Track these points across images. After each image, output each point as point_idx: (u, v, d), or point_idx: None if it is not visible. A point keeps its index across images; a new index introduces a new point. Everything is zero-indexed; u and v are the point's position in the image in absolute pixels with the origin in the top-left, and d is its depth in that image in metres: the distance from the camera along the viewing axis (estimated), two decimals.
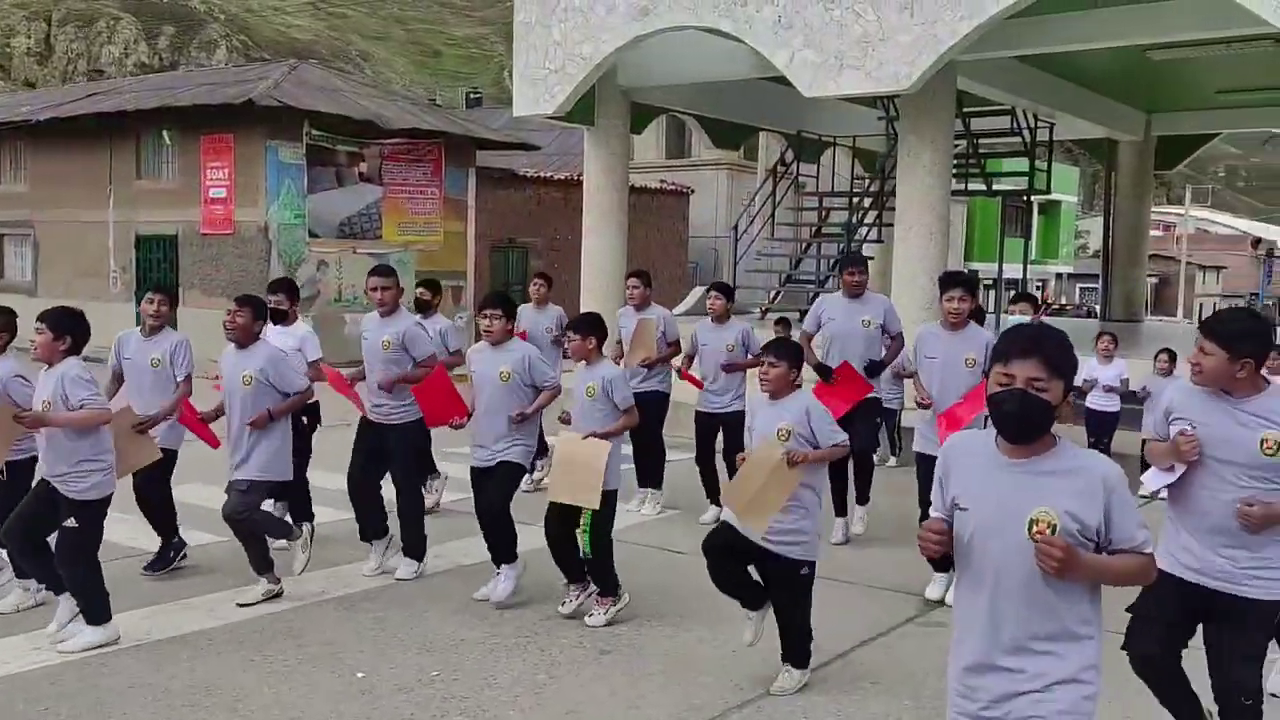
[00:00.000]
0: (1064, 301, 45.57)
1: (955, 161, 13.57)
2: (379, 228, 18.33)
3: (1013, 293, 11.15)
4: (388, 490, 6.48)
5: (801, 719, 4.53)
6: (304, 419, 6.86)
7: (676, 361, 8.05)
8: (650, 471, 8.15)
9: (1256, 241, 50.06)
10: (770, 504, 4.54)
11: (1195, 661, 3.78)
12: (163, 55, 55.87)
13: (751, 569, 4.83)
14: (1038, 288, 42.56)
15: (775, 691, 4.74)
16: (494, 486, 5.84)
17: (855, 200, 15.52)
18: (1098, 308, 23.12)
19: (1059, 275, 47.31)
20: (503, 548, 5.91)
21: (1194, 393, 3.70)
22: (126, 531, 6.64)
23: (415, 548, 6.41)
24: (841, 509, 7.33)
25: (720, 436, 7.75)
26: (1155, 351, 9.24)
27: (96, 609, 5.15)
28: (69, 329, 5.12)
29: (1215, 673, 3.67)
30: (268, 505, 6.39)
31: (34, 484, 5.29)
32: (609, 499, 5.52)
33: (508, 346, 5.92)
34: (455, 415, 6.03)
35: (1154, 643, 3.73)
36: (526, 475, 6.30)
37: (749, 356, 7.70)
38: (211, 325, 15.35)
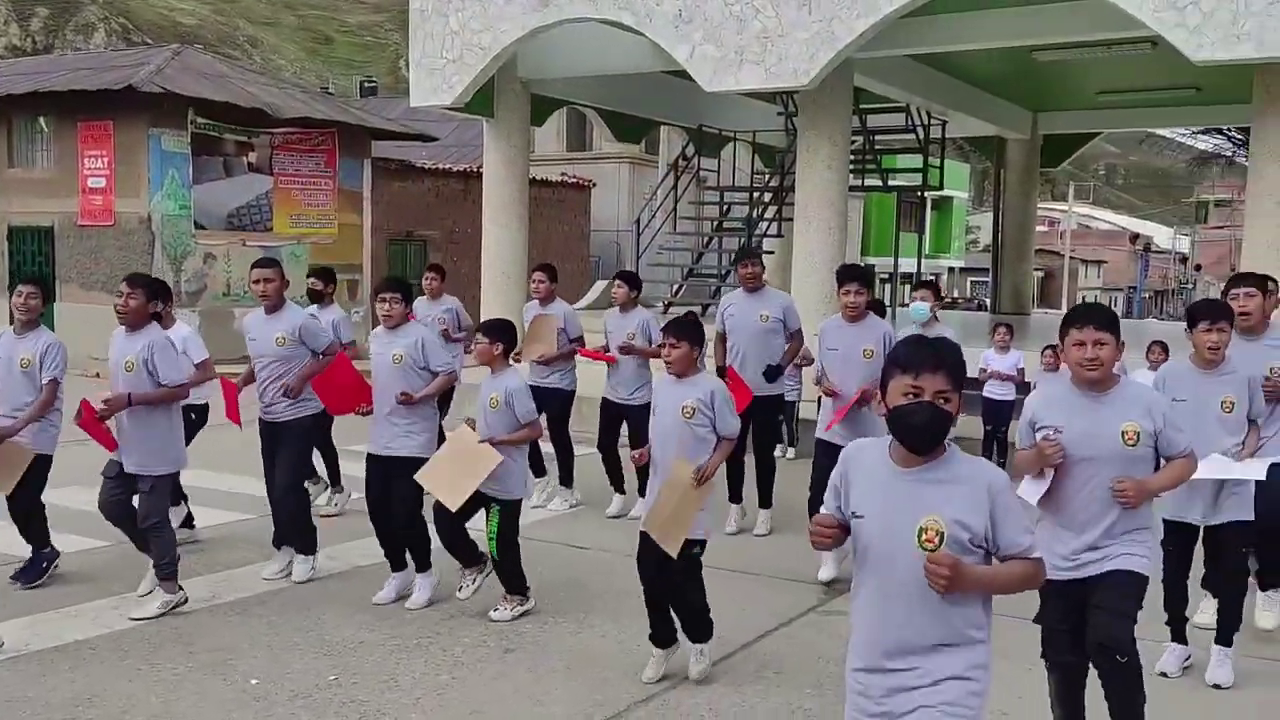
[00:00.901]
0: (956, 294, 46.88)
1: (853, 157, 13.80)
2: (269, 220, 17.83)
3: (908, 285, 11.42)
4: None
5: (706, 711, 4.53)
6: (193, 415, 6.61)
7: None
8: (559, 468, 8.10)
9: (1134, 237, 52.29)
10: (684, 523, 4.66)
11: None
12: (36, 38, 53.42)
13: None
14: (932, 279, 43.70)
15: (695, 677, 4.79)
16: (400, 496, 5.75)
17: (755, 195, 15.67)
18: (988, 301, 23.83)
19: (951, 269, 48.64)
20: (416, 555, 5.84)
21: (1053, 397, 3.82)
22: (6, 539, 6.31)
23: (307, 545, 6.23)
24: (735, 496, 7.39)
25: (625, 427, 7.74)
26: (1042, 348, 9.53)
27: None
28: None
29: (1090, 634, 3.75)
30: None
31: None
32: (515, 508, 5.55)
33: (403, 330, 5.84)
34: (361, 402, 5.92)
35: (1068, 651, 3.83)
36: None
37: (650, 345, 7.72)
38: (90, 321, 14.82)
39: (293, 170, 18.04)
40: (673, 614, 4.84)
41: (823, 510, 2.80)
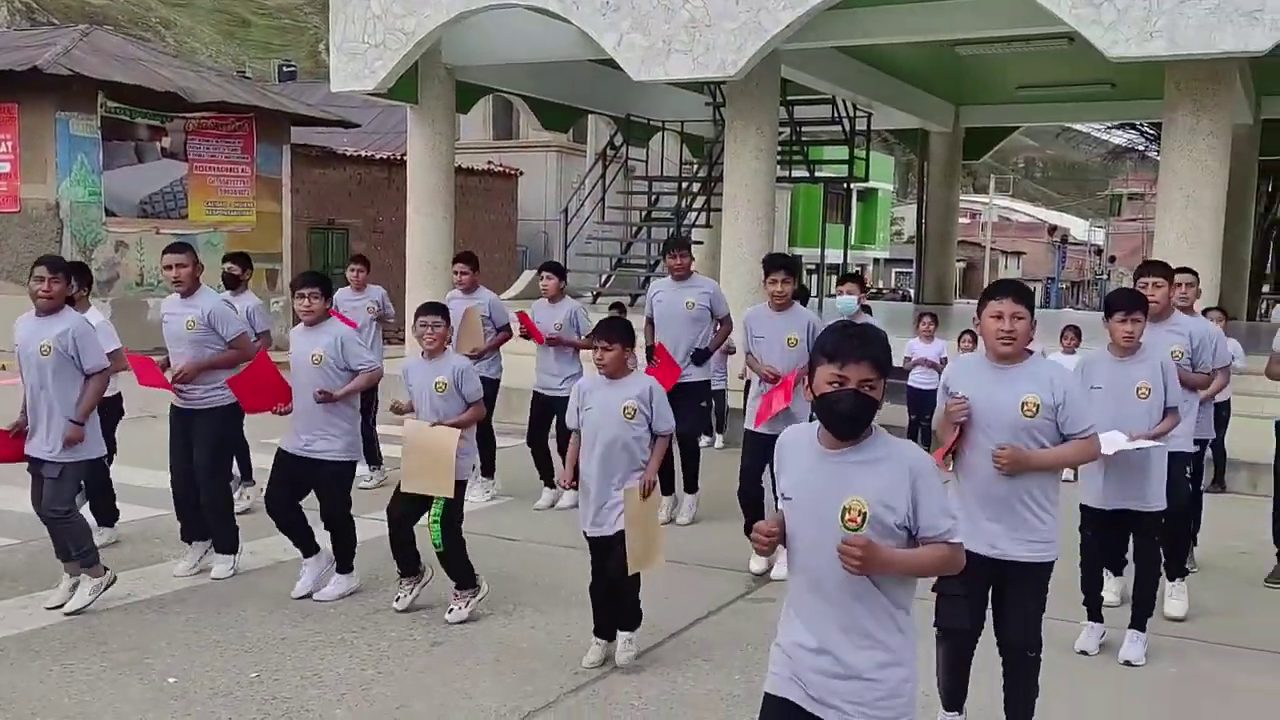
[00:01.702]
0: (881, 285, 47.61)
1: (780, 148, 13.92)
2: (184, 207, 17.35)
3: (834, 276, 11.51)
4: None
5: (635, 699, 4.52)
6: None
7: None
8: (481, 459, 8.01)
9: (1052, 229, 53.62)
10: (659, 537, 4.78)
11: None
12: None
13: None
14: (857, 271, 44.33)
15: (623, 664, 4.81)
16: (326, 497, 5.68)
17: (684, 185, 15.71)
18: (912, 291, 24.22)
19: (877, 260, 49.39)
20: (339, 552, 5.77)
21: (966, 367, 4.00)
22: None
23: (227, 542, 6.07)
24: (667, 488, 7.41)
25: (555, 420, 7.70)
26: (959, 333, 9.82)
27: None
28: None
29: (1000, 631, 3.92)
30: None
31: None
32: (459, 489, 5.43)
33: (322, 328, 5.69)
34: (279, 402, 5.76)
35: (963, 618, 3.93)
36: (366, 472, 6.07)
37: (579, 337, 7.70)
38: None
39: (208, 156, 17.57)
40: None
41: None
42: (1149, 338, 5.01)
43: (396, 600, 5.54)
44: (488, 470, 8.02)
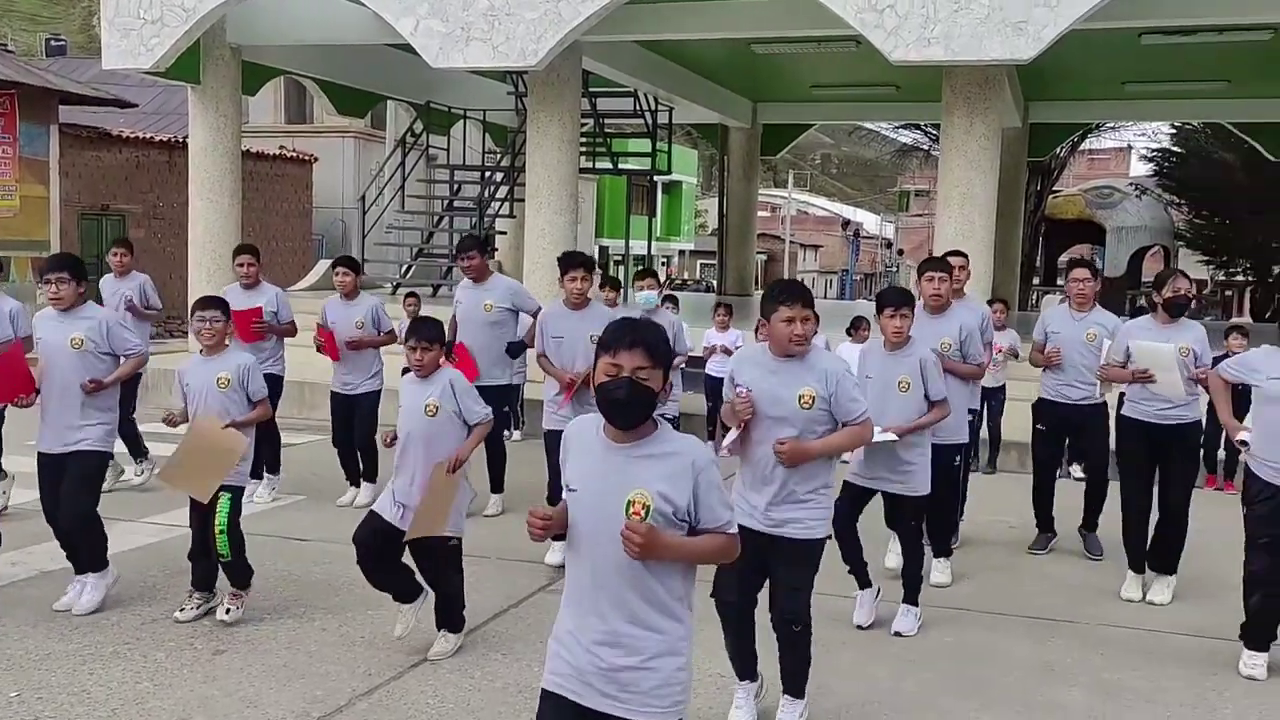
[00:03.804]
0: (686, 277, 48.58)
1: (584, 140, 13.95)
2: None
3: (639, 268, 11.68)
4: None
5: (431, 698, 4.44)
6: None
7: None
8: (265, 457, 7.67)
9: (846, 224, 56.05)
10: (448, 511, 4.81)
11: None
12: None
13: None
14: (663, 264, 45.06)
15: (434, 656, 4.81)
16: (74, 490, 5.24)
17: (487, 174, 15.52)
18: (715, 283, 24.82)
19: (682, 252, 50.35)
20: (90, 555, 5.33)
21: (749, 359, 4.18)
22: None
23: None
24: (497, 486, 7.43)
25: (355, 419, 7.48)
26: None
27: None
28: None
29: (774, 606, 4.13)
30: None
31: None
32: (241, 494, 5.27)
33: (80, 313, 5.34)
34: (21, 393, 5.34)
35: (734, 591, 4.11)
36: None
37: (380, 334, 7.49)
38: None
39: None
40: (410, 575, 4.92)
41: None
42: (923, 331, 5.33)
43: (180, 610, 5.24)
44: (273, 468, 7.70)
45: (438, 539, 4.81)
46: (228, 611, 5.17)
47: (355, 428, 7.47)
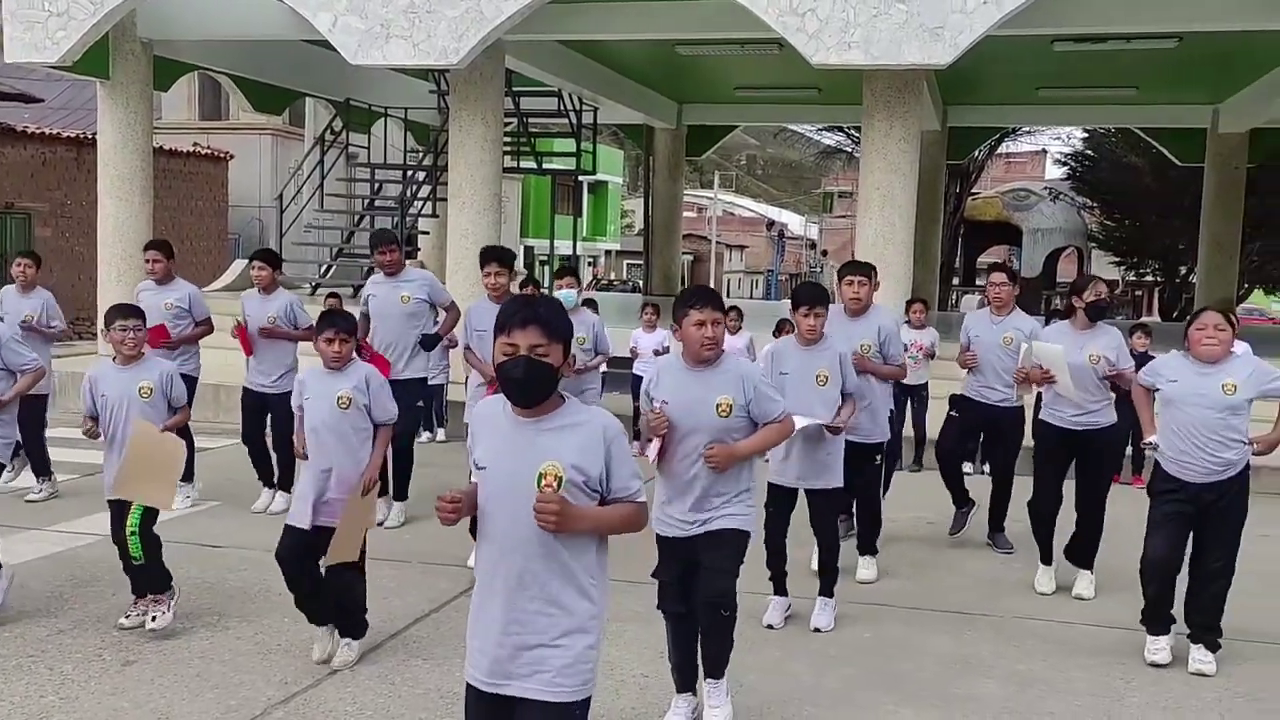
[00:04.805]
0: (613, 276, 48.58)
1: (507, 139, 13.86)
2: None
3: (559, 267, 11.64)
4: None
5: (350, 705, 4.36)
6: None
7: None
8: None
9: (770, 224, 56.64)
10: (362, 533, 4.75)
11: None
12: None
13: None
14: (590, 264, 45.02)
15: (338, 666, 4.70)
16: None
17: (409, 173, 15.33)
18: (641, 282, 24.86)
19: (608, 252, 50.36)
20: None
21: (668, 369, 4.18)
22: None
23: None
24: (383, 489, 7.22)
25: (270, 417, 7.31)
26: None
27: None
28: None
29: (699, 591, 4.09)
30: None
31: None
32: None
33: None
34: None
35: (679, 602, 4.14)
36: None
37: (297, 329, 7.34)
38: None
39: None
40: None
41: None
42: (842, 333, 5.40)
43: (125, 617, 5.11)
44: (187, 475, 7.49)
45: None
46: (154, 619, 5.02)
47: (273, 427, 7.31)
